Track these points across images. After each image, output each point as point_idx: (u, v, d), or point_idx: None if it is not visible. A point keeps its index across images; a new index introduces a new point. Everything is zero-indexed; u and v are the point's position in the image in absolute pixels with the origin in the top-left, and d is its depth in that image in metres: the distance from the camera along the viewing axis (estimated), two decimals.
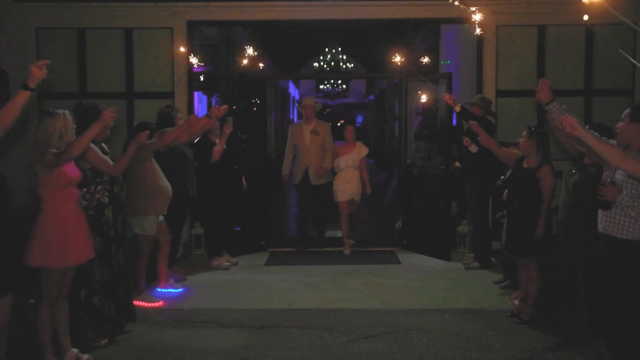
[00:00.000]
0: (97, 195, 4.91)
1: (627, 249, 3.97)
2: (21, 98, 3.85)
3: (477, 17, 7.93)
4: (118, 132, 7.46)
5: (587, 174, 5.06)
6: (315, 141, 8.43)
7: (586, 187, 4.95)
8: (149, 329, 5.49)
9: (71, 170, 4.51)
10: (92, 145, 4.83)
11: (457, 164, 7.86)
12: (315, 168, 8.40)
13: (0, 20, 7.99)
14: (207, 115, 6.51)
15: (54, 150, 4.30)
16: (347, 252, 8.34)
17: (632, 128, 4.06)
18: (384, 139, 17.86)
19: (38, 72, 3.86)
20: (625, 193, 3.98)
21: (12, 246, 4.26)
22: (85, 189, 4.78)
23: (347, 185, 8.39)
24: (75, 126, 4.52)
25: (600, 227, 4.18)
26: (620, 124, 4.13)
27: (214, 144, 7.34)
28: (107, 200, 5.03)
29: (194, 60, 7.53)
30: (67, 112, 4.48)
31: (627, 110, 4.12)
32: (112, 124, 4.84)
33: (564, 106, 4.34)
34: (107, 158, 5.03)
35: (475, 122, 6.28)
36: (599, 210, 4.17)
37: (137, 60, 8.34)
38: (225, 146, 7.48)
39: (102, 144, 5.21)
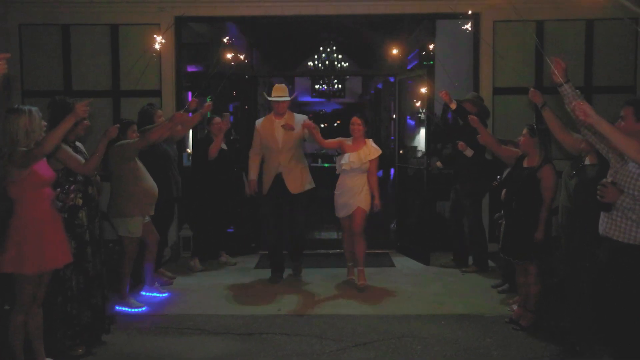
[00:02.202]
0: (72, 195, 4.66)
1: (628, 252, 3.75)
2: None
3: (474, 12, 7.78)
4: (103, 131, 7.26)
5: (587, 176, 4.80)
6: (290, 138, 6.74)
7: (587, 190, 4.70)
8: (130, 336, 5.24)
9: (44, 170, 4.27)
10: (63, 145, 4.61)
11: (439, 163, 7.65)
12: (292, 172, 6.78)
13: None
14: (185, 110, 6.33)
15: (24, 149, 4.07)
16: (362, 283, 6.58)
17: (639, 127, 3.80)
18: (380, 139, 17.69)
19: None
20: (626, 194, 3.74)
21: None
22: (59, 190, 4.54)
23: (351, 194, 6.55)
24: (45, 123, 4.31)
25: (600, 229, 3.94)
26: (622, 123, 3.87)
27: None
28: (80, 202, 4.79)
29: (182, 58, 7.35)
30: (34, 108, 4.25)
31: (629, 108, 3.83)
32: (87, 121, 4.65)
33: (578, 90, 4.10)
34: (79, 157, 4.79)
35: (475, 118, 6.07)
36: (601, 212, 3.93)
37: (123, 58, 8.12)
38: (226, 147, 7.42)
39: (77, 143, 4.98)
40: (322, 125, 21.41)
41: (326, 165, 14.33)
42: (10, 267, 4.12)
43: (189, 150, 8.98)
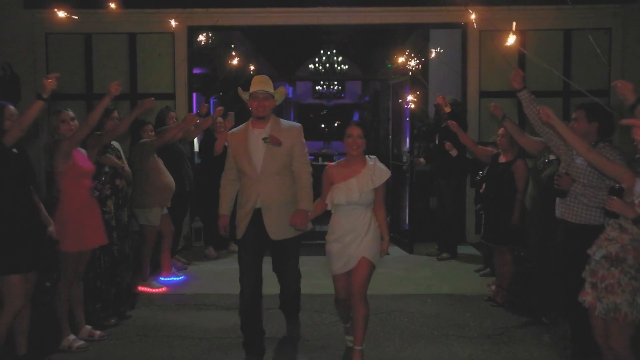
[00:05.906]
0: (107, 186, 5.39)
1: (579, 233, 4.41)
2: (36, 107, 4.38)
3: (462, 22, 8.45)
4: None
5: (553, 169, 5.46)
6: (274, 158, 4.63)
7: (552, 181, 5.36)
8: (154, 311, 5.97)
9: (84, 163, 5.00)
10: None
11: (422, 160, 8.36)
12: (274, 209, 4.71)
13: (12, 26, 8.47)
14: (197, 114, 7.04)
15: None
16: None
17: (592, 128, 4.46)
18: (378, 139, 18.28)
19: (49, 84, 4.39)
20: (578, 182, 4.44)
21: (36, 230, 4.64)
22: (96, 181, 5.26)
23: (352, 238, 4.49)
24: (75, 124, 4.95)
25: (557, 213, 4.64)
26: (575, 124, 4.49)
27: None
28: (109, 191, 5.53)
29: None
30: (63, 110, 4.98)
31: (581, 111, 4.49)
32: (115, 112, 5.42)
33: (533, 95, 4.80)
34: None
35: (454, 122, 6.77)
36: (557, 198, 4.63)
37: (140, 63, 8.81)
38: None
39: (113, 143, 5.69)
40: (322, 126, 22.04)
41: (325, 164, 14.75)
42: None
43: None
